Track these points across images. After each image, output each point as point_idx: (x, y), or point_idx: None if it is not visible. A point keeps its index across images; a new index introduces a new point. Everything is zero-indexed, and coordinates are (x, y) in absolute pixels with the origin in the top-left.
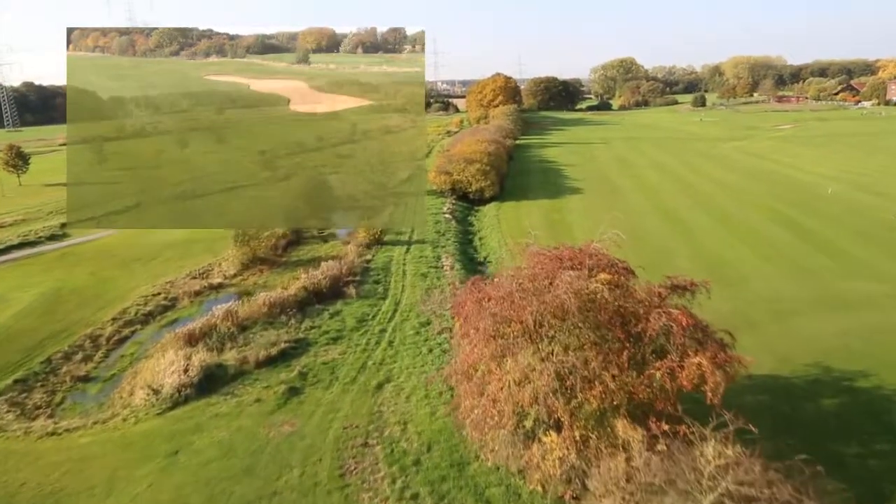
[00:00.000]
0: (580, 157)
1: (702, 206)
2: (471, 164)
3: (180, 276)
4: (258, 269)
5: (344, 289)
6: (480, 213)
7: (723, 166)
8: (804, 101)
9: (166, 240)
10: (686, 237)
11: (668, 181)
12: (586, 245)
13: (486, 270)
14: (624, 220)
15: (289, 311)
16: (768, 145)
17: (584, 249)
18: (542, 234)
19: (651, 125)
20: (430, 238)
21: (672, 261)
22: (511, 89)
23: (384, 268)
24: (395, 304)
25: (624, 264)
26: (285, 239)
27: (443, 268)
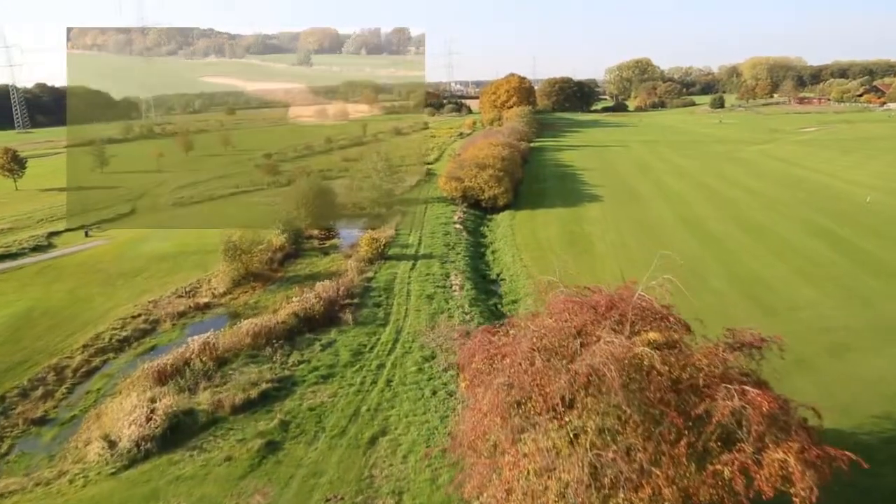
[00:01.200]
0: (598, 162)
1: (731, 216)
2: (483, 169)
3: (165, 295)
4: (250, 285)
5: (340, 314)
6: (493, 222)
7: (748, 171)
8: (826, 102)
9: (156, 252)
10: (717, 253)
11: (692, 188)
12: (625, 287)
13: (499, 290)
14: (648, 232)
15: (275, 341)
16: (794, 149)
17: (624, 295)
18: (560, 248)
19: (669, 127)
20: (439, 252)
21: (705, 282)
22: (525, 90)
23: (387, 287)
24: (396, 331)
25: (676, 316)
26: (282, 252)
27: (451, 287)
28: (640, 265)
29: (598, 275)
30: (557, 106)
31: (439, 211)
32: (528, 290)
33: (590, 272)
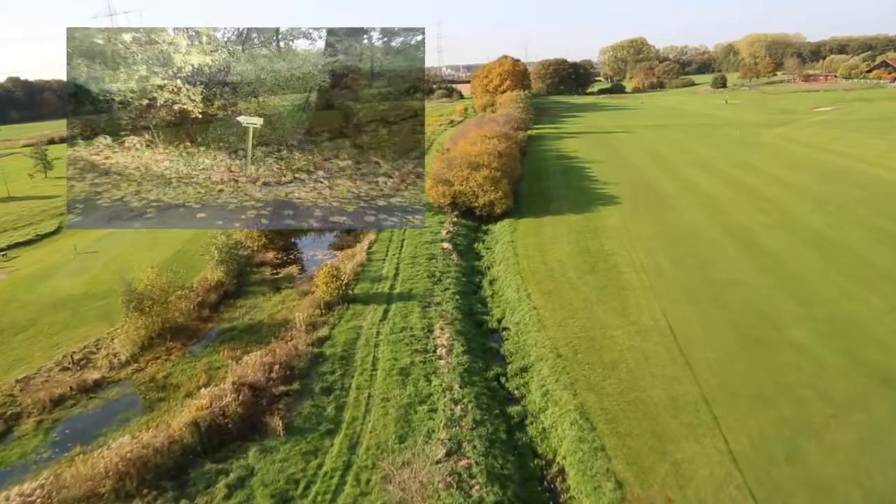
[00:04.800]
0: (605, 151)
1: (780, 223)
2: (476, 169)
3: (46, 366)
4: (166, 346)
5: (268, 415)
6: (490, 237)
7: (777, 160)
8: (833, 79)
9: (57, 294)
10: (783, 281)
11: (722, 184)
12: None
13: (502, 347)
14: (685, 249)
15: (153, 481)
16: (816, 132)
17: None
18: (577, 276)
19: (673, 109)
20: (421, 288)
21: (781, 331)
22: (519, 73)
23: (345, 355)
24: (349, 447)
25: None
26: (220, 290)
27: (436, 350)
28: (686, 302)
29: (635, 321)
30: (552, 89)
31: (425, 222)
32: (541, 347)
33: (622, 317)
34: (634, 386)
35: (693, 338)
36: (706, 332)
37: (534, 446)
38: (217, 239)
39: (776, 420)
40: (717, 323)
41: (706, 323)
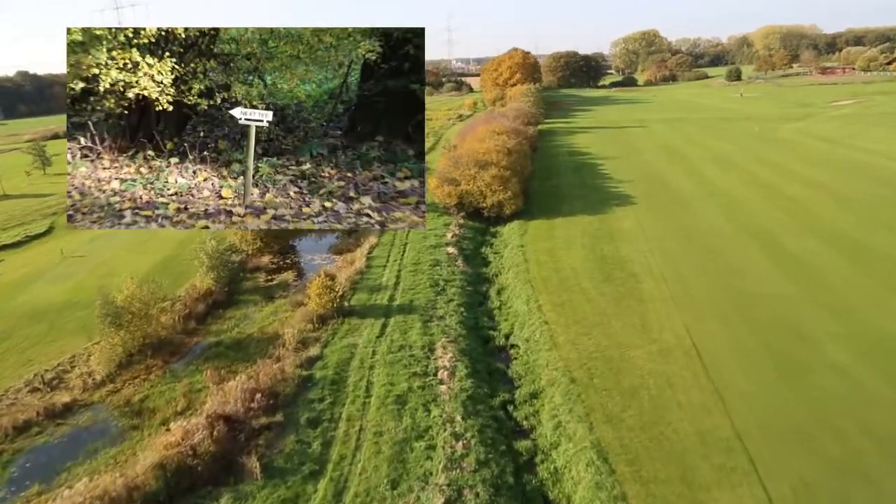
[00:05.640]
0: (618, 147)
1: (807, 225)
2: (485, 168)
3: (15, 386)
4: (146, 364)
5: (244, 457)
6: (499, 240)
7: (797, 157)
8: (851, 72)
9: (38, 303)
10: (816, 292)
11: (741, 182)
12: None
13: (510, 369)
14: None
15: None
16: (836, 126)
17: None
18: (591, 285)
19: (687, 103)
20: (423, 299)
21: (821, 354)
22: (530, 66)
23: (336, 379)
24: (334, 495)
25: None
26: (208, 299)
27: (436, 373)
28: (711, 317)
29: (656, 338)
30: (563, 82)
31: (429, 225)
32: (553, 369)
33: (642, 334)
34: (658, 418)
35: (721, 360)
36: (735, 352)
37: (545, 491)
38: (207, 244)
39: (821, 462)
40: (747, 342)
41: (735, 341)
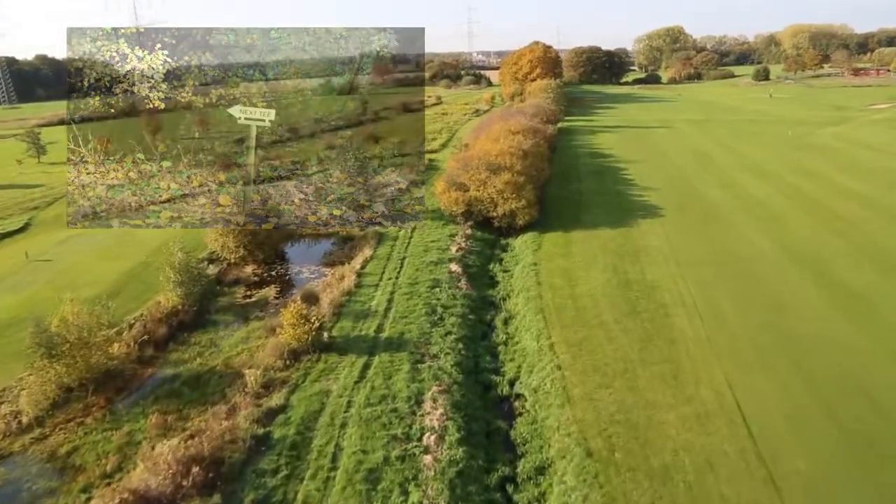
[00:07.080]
0: (643, 149)
1: (861, 249)
2: (497, 173)
3: None
4: (85, 402)
5: None
6: (509, 255)
7: (839, 166)
8: (885, 73)
9: None
10: (883, 337)
11: (782, 194)
12: None
13: (512, 430)
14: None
15: None
16: (878, 132)
17: None
18: (613, 320)
19: (713, 103)
20: (415, 331)
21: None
22: (551, 60)
23: (297, 442)
24: None
25: None
26: (173, 320)
27: (421, 436)
28: (759, 369)
29: (691, 396)
30: (585, 78)
31: (432, 235)
32: (565, 435)
33: (674, 389)
34: None
35: (773, 430)
36: (790, 420)
37: None
38: (175, 256)
39: None
40: (805, 406)
41: (788, 404)
